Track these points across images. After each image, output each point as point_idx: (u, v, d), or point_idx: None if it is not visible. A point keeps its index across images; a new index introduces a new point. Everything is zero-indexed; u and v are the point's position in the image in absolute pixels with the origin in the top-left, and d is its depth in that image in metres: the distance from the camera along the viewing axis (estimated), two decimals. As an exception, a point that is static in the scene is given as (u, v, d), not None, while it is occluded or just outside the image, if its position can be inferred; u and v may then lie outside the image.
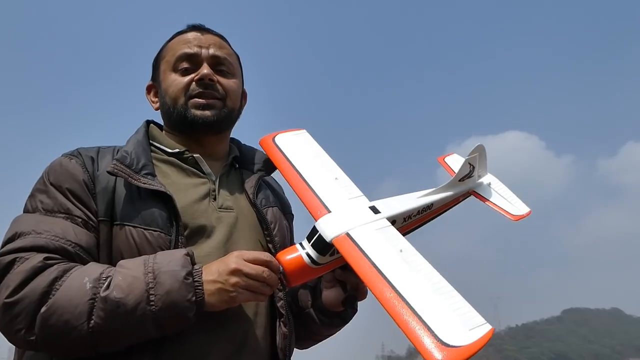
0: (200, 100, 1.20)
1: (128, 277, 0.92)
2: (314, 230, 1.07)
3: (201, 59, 1.22)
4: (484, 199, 1.38)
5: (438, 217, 1.29)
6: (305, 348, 1.39)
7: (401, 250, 1.02)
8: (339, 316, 1.26)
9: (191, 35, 1.25)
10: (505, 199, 1.39)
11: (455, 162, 1.50)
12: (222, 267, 0.98)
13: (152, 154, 1.19)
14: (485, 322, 0.89)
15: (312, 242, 1.06)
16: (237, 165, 1.32)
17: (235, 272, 0.96)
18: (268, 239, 1.20)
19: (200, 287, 0.95)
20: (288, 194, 1.43)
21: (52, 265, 0.93)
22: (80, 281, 0.90)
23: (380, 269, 0.96)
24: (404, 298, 0.90)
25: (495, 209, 1.36)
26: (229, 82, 1.26)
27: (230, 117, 1.27)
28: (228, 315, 1.05)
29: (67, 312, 0.88)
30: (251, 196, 1.22)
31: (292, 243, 1.32)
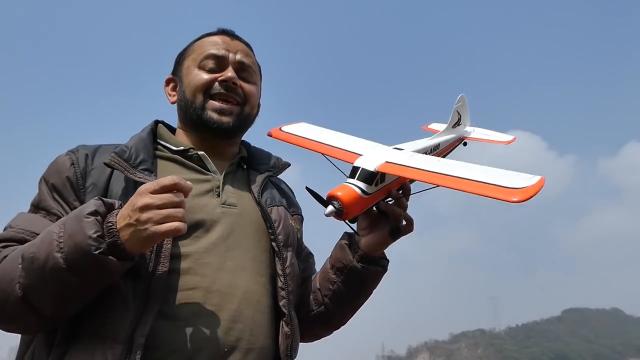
0: (219, 104, 1.22)
1: (43, 233, 0.93)
2: (355, 168, 1.15)
3: (227, 62, 1.25)
4: (475, 139, 1.64)
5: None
6: (344, 323, 1.36)
7: (439, 160, 1.19)
8: (378, 263, 1.27)
9: (220, 38, 1.28)
10: (491, 137, 1.67)
11: (437, 128, 1.75)
12: (128, 207, 0.93)
13: (157, 151, 1.20)
14: (537, 175, 1.04)
15: (357, 176, 1.13)
16: (245, 166, 1.34)
17: (144, 208, 0.91)
18: (272, 237, 1.20)
19: (112, 227, 0.90)
20: (300, 197, 1.44)
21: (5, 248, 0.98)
22: (18, 252, 0.93)
23: (432, 169, 1.10)
24: (464, 177, 1.06)
25: (488, 142, 1.64)
26: (250, 87, 1.29)
27: (246, 123, 1.30)
28: (224, 311, 1.05)
29: (2, 281, 0.91)
30: (256, 195, 1.24)
31: (299, 244, 1.34)
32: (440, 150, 1.44)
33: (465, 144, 1.59)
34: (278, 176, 1.39)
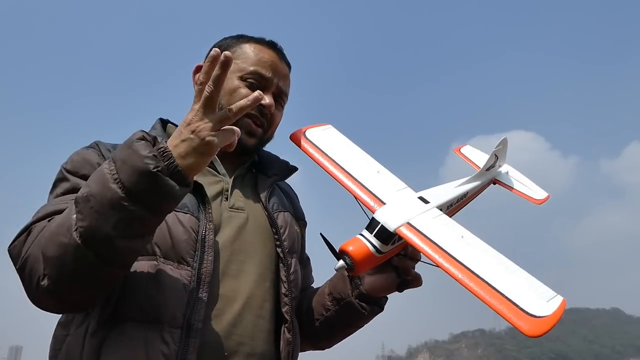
0: (253, 127, 1.24)
1: (92, 175, 0.91)
2: (375, 222, 1.09)
3: (270, 85, 1.26)
4: (506, 186, 1.48)
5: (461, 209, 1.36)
6: (330, 346, 1.38)
7: (462, 236, 1.08)
8: (377, 303, 1.26)
9: (271, 56, 1.28)
10: (525, 185, 1.50)
11: (470, 152, 1.62)
12: (181, 126, 0.91)
13: None
14: (557, 293, 0.96)
15: (374, 232, 1.08)
16: (254, 170, 1.34)
17: (195, 118, 0.89)
18: (277, 242, 1.20)
19: (166, 150, 0.87)
20: (303, 202, 1.45)
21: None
22: (70, 206, 0.91)
23: (451, 253, 1.00)
24: (480, 277, 0.94)
25: (519, 194, 1.46)
26: (278, 115, 1.31)
27: (263, 146, 1.32)
28: (226, 315, 1.05)
29: (59, 235, 0.88)
30: (264, 200, 1.24)
31: (303, 249, 1.34)
32: (466, 198, 1.36)
33: (494, 182, 1.48)
34: (284, 180, 1.39)
